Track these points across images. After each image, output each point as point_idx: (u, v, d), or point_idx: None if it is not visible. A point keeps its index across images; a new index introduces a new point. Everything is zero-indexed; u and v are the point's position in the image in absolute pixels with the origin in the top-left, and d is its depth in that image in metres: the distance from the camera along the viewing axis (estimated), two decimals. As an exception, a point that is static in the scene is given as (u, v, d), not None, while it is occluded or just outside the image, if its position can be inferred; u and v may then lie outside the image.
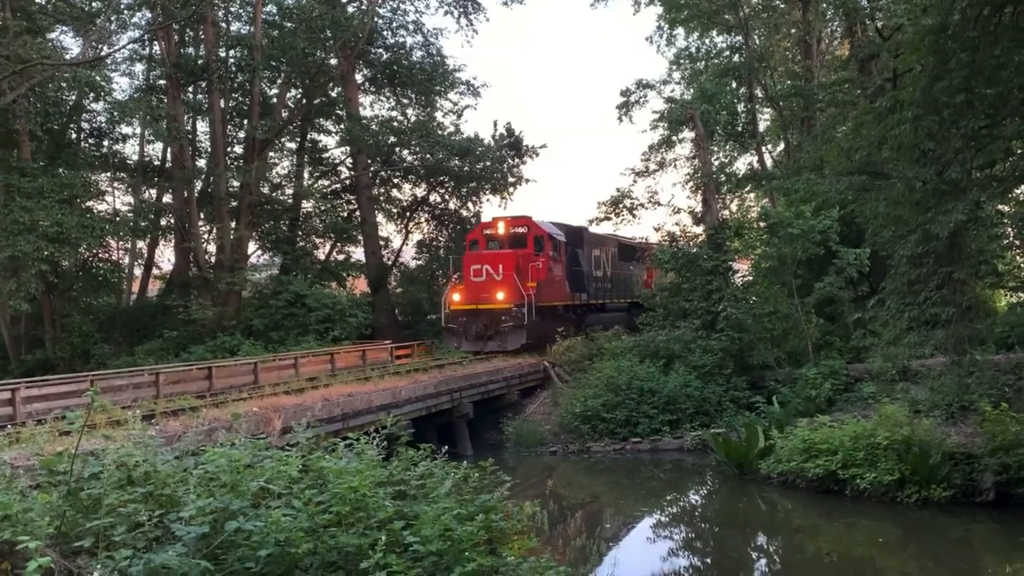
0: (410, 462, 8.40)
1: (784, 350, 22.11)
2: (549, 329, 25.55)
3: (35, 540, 5.32)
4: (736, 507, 15.80)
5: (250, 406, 13.39)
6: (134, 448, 7.11)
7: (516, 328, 23.75)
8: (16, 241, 21.46)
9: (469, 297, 24.54)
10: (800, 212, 21.67)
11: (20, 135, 24.50)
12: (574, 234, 29.27)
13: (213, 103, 28.23)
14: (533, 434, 20.74)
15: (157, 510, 6.20)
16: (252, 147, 28.62)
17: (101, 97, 26.94)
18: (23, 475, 7.26)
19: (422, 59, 34.24)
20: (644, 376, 20.89)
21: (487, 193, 36.35)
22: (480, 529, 7.16)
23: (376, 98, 36.83)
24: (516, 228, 26.00)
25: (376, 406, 15.79)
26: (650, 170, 37.63)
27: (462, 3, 33.66)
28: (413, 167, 35.05)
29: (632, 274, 34.48)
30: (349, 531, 6.61)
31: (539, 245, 25.67)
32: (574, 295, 27.67)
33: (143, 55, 30.46)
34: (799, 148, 31.03)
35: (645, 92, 35.88)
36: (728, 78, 32.03)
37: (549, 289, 25.51)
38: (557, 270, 26.46)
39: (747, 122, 32.99)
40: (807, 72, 32.34)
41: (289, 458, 7.63)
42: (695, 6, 31.48)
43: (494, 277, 24.21)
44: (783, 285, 23.27)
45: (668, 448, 19.65)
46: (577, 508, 16.78)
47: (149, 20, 28.36)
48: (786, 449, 15.80)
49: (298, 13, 29.01)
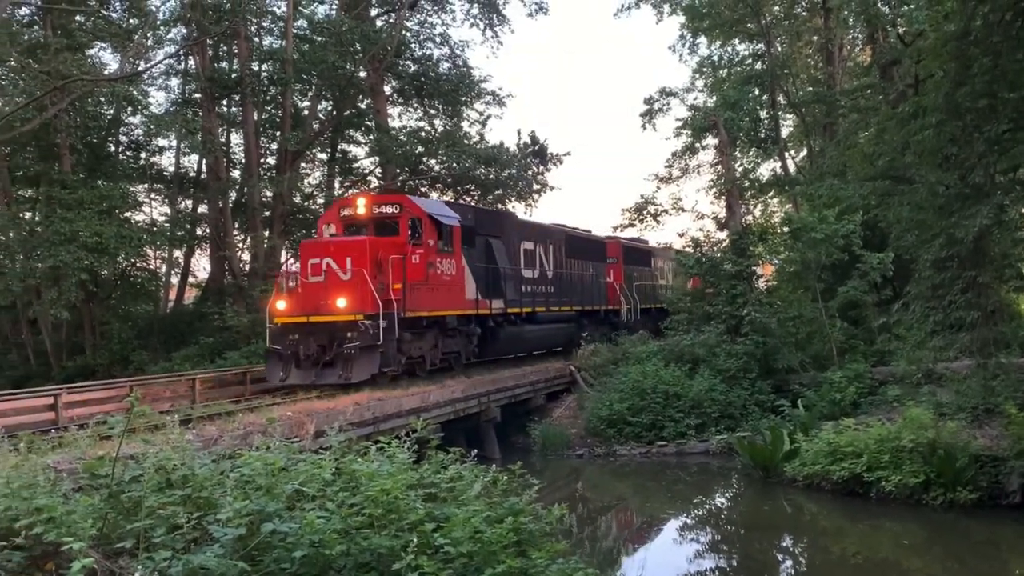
0: (440, 465, 8.58)
1: (808, 354, 22.17)
2: (429, 349, 19.06)
3: (79, 541, 5.50)
4: (761, 509, 15.93)
5: (284, 411, 13.63)
6: (173, 452, 7.34)
7: (367, 350, 16.46)
8: (57, 251, 22.03)
9: (300, 305, 17.23)
10: (823, 217, 21.79)
11: (61, 148, 25.07)
12: (488, 220, 22.67)
13: (246, 116, 28.78)
14: (559, 437, 20.90)
15: (195, 512, 6.41)
16: (284, 158, 29.12)
17: (138, 111, 27.52)
18: (66, 478, 7.42)
19: (449, 71, 34.58)
20: (669, 380, 21.03)
21: (512, 200, 36.67)
22: (509, 531, 7.25)
23: (404, 109, 37.25)
24: (383, 207, 18.88)
25: (406, 410, 15.91)
26: (673, 176, 37.86)
27: (487, 15, 34.07)
28: (440, 176, 35.38)
29: (587, 275, 28.33)
30: (381, 533, 6.72)
31: (416, 231, 18.29)
32: (482, 301, 20.56)
33: (178, 70, 31.06)
34: (822, 154, 31.07)
35: (668, 100, 36.11)
36: (751, 85, 32.19)
37: (431, 293, 18.37)
38: (447, 266, 19.14)
39: (770, 128, 33.12)
40: (829, 78, 32.40)
41: (322, 461, 7.75)
42: (717, 15, 31.68)
43: (338, 276, 17.05)
44: (807, 289, 23.39)
45: (694, 451, 19.75)
46: (604, 510, 17.00)
47: (184, 36, 28.98)
48: (811, 452, 15.90)
49: (328, 27, 29.46)
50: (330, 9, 33.70)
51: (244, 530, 6.11)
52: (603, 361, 23.96)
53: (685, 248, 26.69)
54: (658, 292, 35.21)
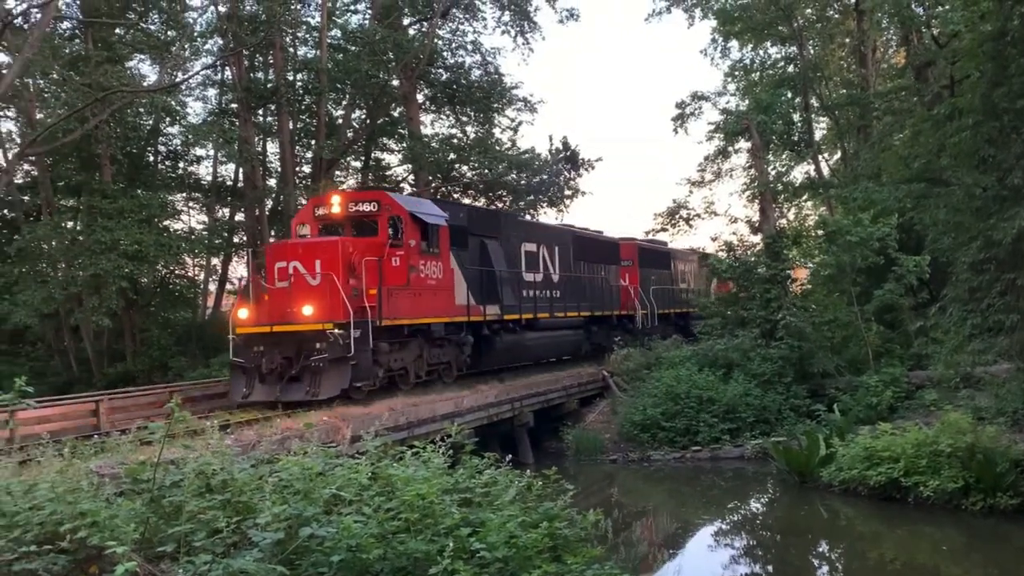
0: (475, 470, 8.59)
1: (844, 358, 22.00)
2: (413, 360, 17.35)
3: (121, 545, 5.55)
4: (797, 515, 15.82)
5: (320, 415, 13.80)
6: (212, 457, 7.43)
7: (336, 363, 14.76)
8: (98, 260, 22.47)
9: (266, 313, 15.81)
10: (859, 220, 21.65)
11: (102, 159, 25.57)
12: (483, 220, 21.04)
13: (282, 125, 29.15)
14: (593, 442, 20.88)
15: (235, 517, 6.53)
16: (319, 166, 29.46)
17: (176, 121, 28.03)
18: (109, 483, 7.51)
19: (480, 78, 34.83)
20: (703, 385, 20.94)
21: (544, 206, 36.83)
22: (544, 536, 7.27)
23: (436, 116, 37.53)
24: (360, 205, 17.42)
25: (440, 415, 15.97)
26: (706, 180, 37.76)
27: (518, 23, 34.28)
28: (472, 182, 35.64)
29: (597, 278, 26.84)
30: (418, 537, 6.75)
31: (397, 231, 16.78)
32: (475, 307, 19.07)
33: (215, 80, 31.51)
34: (856, 156, 30.82)
35: (700, 104, 36.04)
36: (783, 88, 32.02)
37: (413, 299, 16.84)
38: (432, 270, 17.57)
39: (803, 131, 32.91)
40: (863, 81, 32.15)
41: (359, 466, 7.80)
42: (749, 18, 31.56)
43: (307, 281, 15.47)
44: (842, 293, 23.23)
45: (728, 456, 19.64)
46: (639, 516, 16.98)
47: (221, 47, 29.46)
48: (847, 457, 15.73)
49: (362, 37, 29.79)
50: (363, 19, 34.12)
51: (283, 534, 6.18)
52: (636, 366, 23.90)
53: (718, 252, 26.57)
54: (678, 296, 34.12)
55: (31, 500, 6.43)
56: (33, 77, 25.13)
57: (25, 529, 6.04)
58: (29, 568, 5.72)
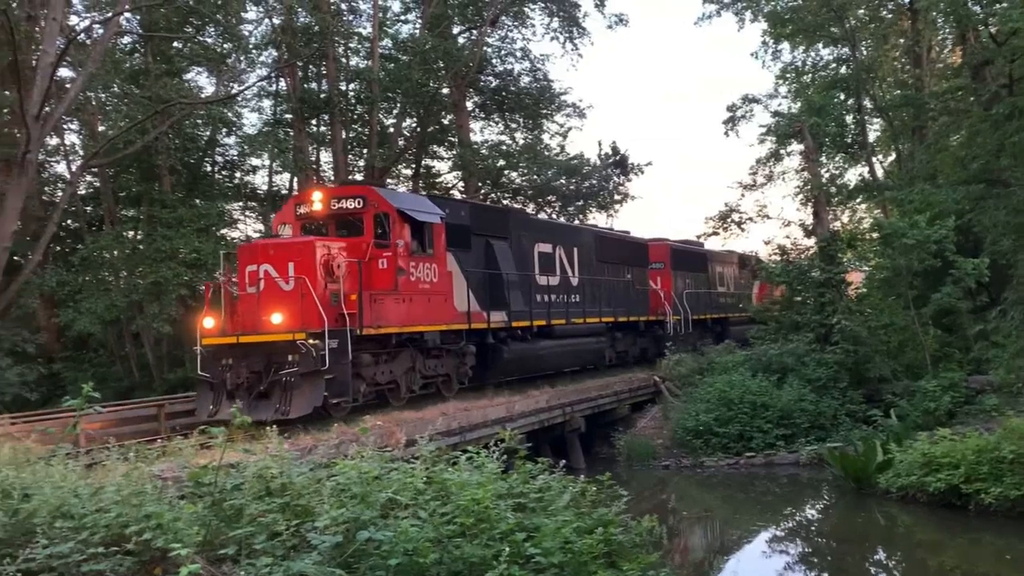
0: (528, 475, 8.61)
1: (901, 363, 21.69)
2: (404, 373, 15.78)
3: (185, 548, 5.75)
4: (854, 522, 15.63)
5: (375, 420, 14.03)
6: (271, 461, 7.53)
7: (309, 377, 13.09)
8: (158, 268, 23.00)
9: (234, 322, 14.34)
10: (915, 222, 21.33)
11: (161, 169, 26.11)
12: (489, 218, 19.52)
13: (335, 134, 29.60)
14: (645, 448, 20.81)
15: (294, 520, 6.61)
16: (371, 174, 29.79)
17: (233, 132, 28.59)
18: (171, 486, 7.68)
19: (529, 84, 35.08)
20: (757, 390, 20.79)
21: (593, 211, 36.85)
22: (599, 542, 7.32)
23: (486, 123, 37.86)
24: (344, 202, 15.70)
25: (491, 420, 16.04)
26: (758, 183, 37.36)
27: (567, 29, 34.39)
28: (521, 188, 35.83)
29: (623, 282, 25.08)
30: (473, 542, 6.82)
31: (384, 229, 15.26)
32: (477, 314, 17.54)
33: (270, 92, 32.04)
34: (911, 158, 30.32)
35: (751, 106, 35.72)
36: (836, 90, 31.65)
37: (402, 305, 15.17)
38: (425, 272, 15.95)
39: (856, 133, 32.47)
40: (917, 81, 31.61)
41: (414, 470, 7.85)
42: (800, 20, 31.25)
43: (279, 286, 13.86)
44: (898, 296, 22.89)
45: (783, 463, 19.47)
46: (692, 522, 16.91)
47: (275, 59, 30.06)
48: (905, 463, 15.51)
49: (413, 46, 30.16)
50: (414, 28, 34.47)
51: (341, 538, 6.28)
52: (688, 371, 23.81)
53: (772, 256, 26.34)
54: (716, 301, 32.55)
55: (98, 503, 6.60)
56: (96, 91, 25.83)
57: (92, 531, 6.20)
58: (97, 569, 5.87)
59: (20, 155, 19.20)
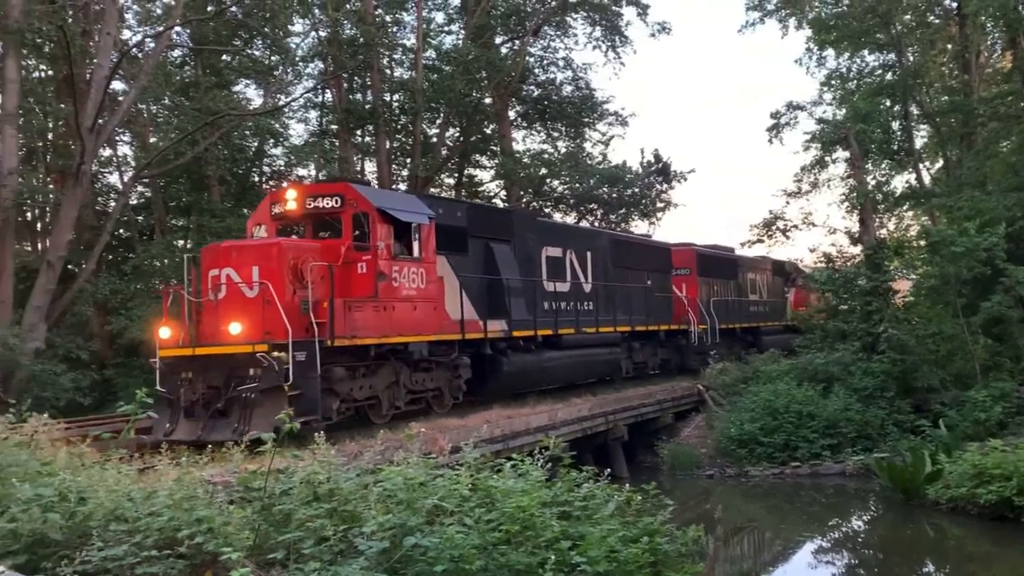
0: (573, 483, 8.62)
1: (950, 372, 21.32)
2: (386, 388, 14.22)
3: (236, 552, 5.83)
4: (902, 534, 15.42)
5: (418, 427, 14.16)
6: (319, 467, 7.59)
7: (270, 395, 11.59)
8: (207, 276, 23.52)
9: (199, 333, 13.07)
10: (964, 230, 21.01)
11: (210, 180, 26.62)
12: (489, 220, 18.10)
13: (379, 144, 29.99)
14: (688, 457, 20.68)
15: (341, 525, 6.65)
16: (415, 184, 30.11)
17: (280, 143, 29.07)
18: (221, 491, 7.74)
19: (571, 93, 35.20)
20: (802, 399, 20.54)
21: (635, 219, 36.81)
22: (645, 551, 7.31)
23: (528, 132, 38.06)
24: (320, 200, 14.23)
25: (534, 427, 16.00)
26: (803, 191, 37.03)
27: (610, 38, 34.47)
28: (563, 196, 35.92)
29: (641, 288, 23.25)
30: (518, 549, 6.83)
31: (363, 230, 13.92)
32: (472, 322, 16.07)
33: (316, 103, 32.59)
34: (960, 164, 29.90)
35: (795, 113, 35.46)
36: (882, 96, 31.30)
37: (383, 313, 13.70)
38: (411, 278, 14.47)
39: (903, 140, 32.08)
40: (966, 86, 31.16)
41: (459, 477, 7.87)
42: (845, 26, 30.98)
43: (242, 292, 12.62)
44: (947, 305, 22.55)
45: (829, 473, 19.22)
46: (737, 532, 16.79)
47: (321, 71, 30.55)
48: (955, 474, 15.25)
49: (456, 57, 30.50)
50: (457, 39, 34.81)
51: (387, 543, 6.32)
52: (732, 380, 23.64)
53: (817, 264, 26.06)
54: (746, 309, 30.67)
55: (151, 506, 6.75)
56: (147, 103, 26.44)
57: (146, 534, 6.34)
58: (150, 572, 6.01)
59: (75, 166, 19.74)
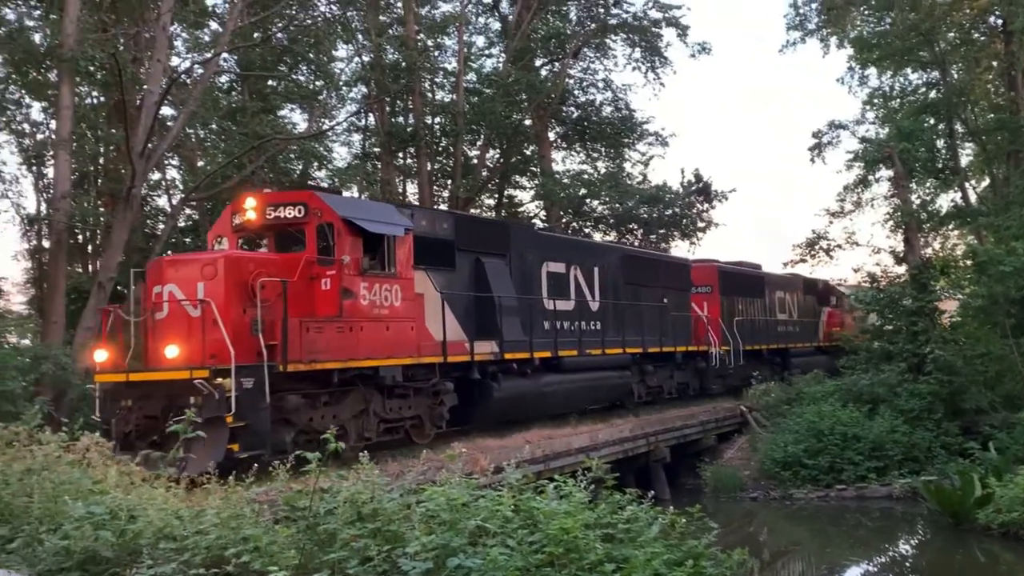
0: (616, 505, 8.46)
1: (999, 393, 20.96)
2: (352, 417, 12.73)
3: (281, 570, 5.88)
4: (952, 559, 15.19)
5: (460, 447, 14.18)
6: (362, 486, 7.58)
7: (212, 425, 10.33)
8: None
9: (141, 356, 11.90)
10: (1012, 249, 20.71)
11: (257, 204, 27.23)
12: (480, 233, 16.66)
13: (421, 166, 30.34)
14: (731, 479, 20.54)
15: (385, 545, 6.65)
16: (456, 205, 30.40)
17: (324, 166, 29.50)
18: (267, 510, 7.82)
19: (611, 114, 35.33)
20: (847, 421, 20.31)
21: (676, 239, 36.69)
22: (690, 574, 7.18)
23: (567, 153, 38.22)
24: (282, 210, 12.91)
25: (575, 448, 15.99)
26: (845, 210, 36.63)
27: (649, 59, 34.57)
28: (603, 216, 35.95)
29: (655, 307, 21.66)
30: (562, 572, 6.74)
31: (327, 242, 12.64)
32: (456, 343, 14.72)
33: (359, 126, 33.07)
34: (1007, 183, 29.45)
35: (838, 133, 35.19)
36: (926, 115, 30.95)
37: (350, 335, 12.26)
38: (384, 295, 13.04)
39: (948, 158, 31.67)
40: (1012, 104, 30.70)
41: (501, 498, 7.77)
42: (887, 45, 30.72)
43: (185, 311, 11.42)
44: (995, 325, 22.18)
45: (875, 496, 18.99)
46: (782, 555, 16.64)
47: (364, 95, 31.03)
48: (1007, 498, 15.03)
49: (496, 79, 30.81)
50: (497, 62, 35.15)
51: (431, 564, 6.33)
52: (776, 401, 23.44)
53: (862, 284, 25.77)
54: (774, 330, 29.37)
55: (198, 525, 6.83)
56: (195, 128, 26.99)
57: (194, 552, 6.42)
58: (199, 590, 6.14)
59: (125, 190, 20.15)
